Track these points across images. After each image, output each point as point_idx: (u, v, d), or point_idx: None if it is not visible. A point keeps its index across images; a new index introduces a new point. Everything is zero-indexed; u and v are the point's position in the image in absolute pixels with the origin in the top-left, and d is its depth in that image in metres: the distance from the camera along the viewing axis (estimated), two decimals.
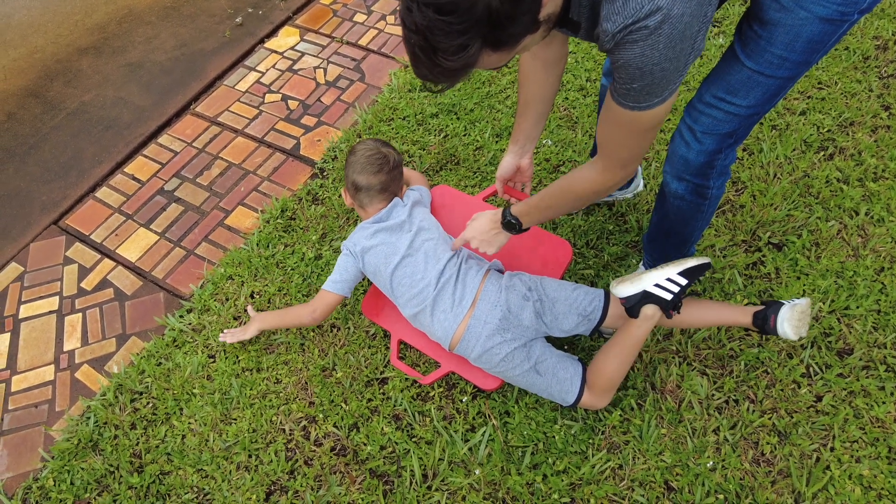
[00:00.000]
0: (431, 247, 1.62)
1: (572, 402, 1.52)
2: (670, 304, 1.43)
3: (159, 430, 1.73)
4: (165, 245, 2.17)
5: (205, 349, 1.87)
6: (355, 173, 1.69)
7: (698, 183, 1.39)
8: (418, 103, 2.43)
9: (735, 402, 1.62)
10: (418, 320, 1.60)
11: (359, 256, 1.65)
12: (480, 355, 1.51)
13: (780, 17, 1.09)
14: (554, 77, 1.46)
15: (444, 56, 0.87)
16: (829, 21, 1.07)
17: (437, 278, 1.55)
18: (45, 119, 2.66)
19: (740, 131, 1.28)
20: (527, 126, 1.55)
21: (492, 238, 1.52)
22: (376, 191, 1.69)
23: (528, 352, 1.50)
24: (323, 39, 2.84)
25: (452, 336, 1.53)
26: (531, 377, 1.50)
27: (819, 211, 1.92)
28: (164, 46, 2.92)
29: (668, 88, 1.01)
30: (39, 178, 2.44)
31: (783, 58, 1.13)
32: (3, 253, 2.22)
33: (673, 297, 1.42)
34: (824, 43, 1.12)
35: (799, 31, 1.09)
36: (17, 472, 1.72)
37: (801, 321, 1.42)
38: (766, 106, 1.23)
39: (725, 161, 1.36)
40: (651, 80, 0.98)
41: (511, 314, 1.51)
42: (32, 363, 1.94)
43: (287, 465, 1.62)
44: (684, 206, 1.48)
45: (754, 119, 1.26)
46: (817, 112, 2.18)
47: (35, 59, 2.92)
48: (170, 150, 2.48)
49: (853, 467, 1.48)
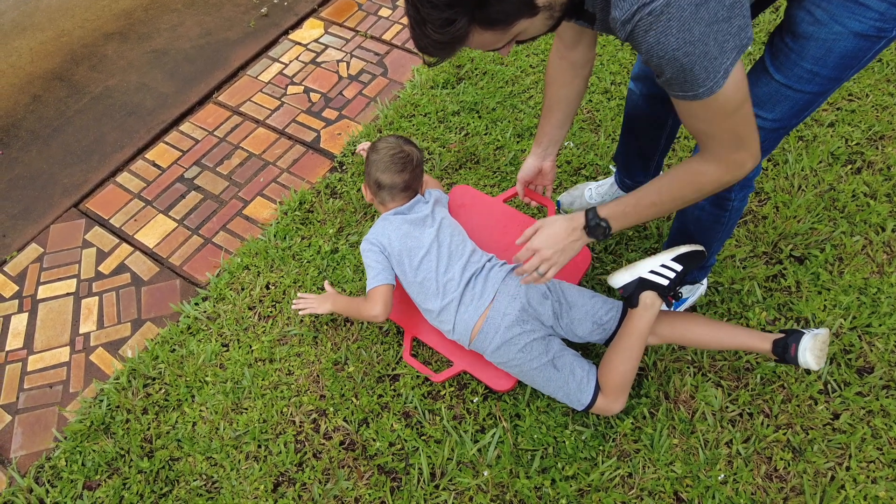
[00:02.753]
0: (457, 242, 1.63)
1: (587, 404, 1.49)
2: (667, 290, 1.43)
3: (171, 417, 1.74)
4: (183, 232, 2.19)
5: (219, 337, 1.88)
6: (379, 172, 1.68)
7: (720, 194, 1.36)
8: (440, 100, 2.42)
9: (749, 415, 1.60)
10: (440, 315, 1.58)
11: (383, 247, 1.64)
12: (499, 346, 1.50)
13: (813, 31, 1.06)
14: (580, 80, 1.44)
15: (432, 28, 0.89)
16: (864, 37, 1.04)
17: (461, 273, 1.56)
18: (70, 102, 2.68)
19: (766, 144, 1.25)
20: (551, 128, 1.54)
21: (568, 246, 1.32)
22: (399, 189, 1.68)
23: (546, 345, 1.50)
24: (347, 33, 2.84)
25: (472, 328, 1.53)
26: (548, 371, 1.49)
27: (844, 225, 1.89)
28: (189, 34, 2.93)
29: (713, 72, 0.93)
30: (62, 161, 2.46)
31: (813, 73, 1.10)
32: (23, 233, 2.25)
33: (669, 282, 1.43)
34: (858, 59, 1.08)
35: (832, 46, 1.06)
36: (30, 451, 1.74)
37: (822, 351, 1.40)
38: (793, 121, 1.20)
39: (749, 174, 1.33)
40: (681, 68, 0.92)
41: (530, 307, 1.52)
42: (49, 344, 1.96)
43: (296, 457, 1.63)
44: (704, 217, 1.46)
45: (780, 133, 1.23)
46: (846, 124, 2.14)
47: (62, 43, 2.94)
48: (191, 138, 2.49)
49: (869, 488, 1.46)
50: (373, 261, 1.62)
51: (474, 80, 2.50)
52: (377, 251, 1.63)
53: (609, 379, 1.49)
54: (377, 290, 1.59)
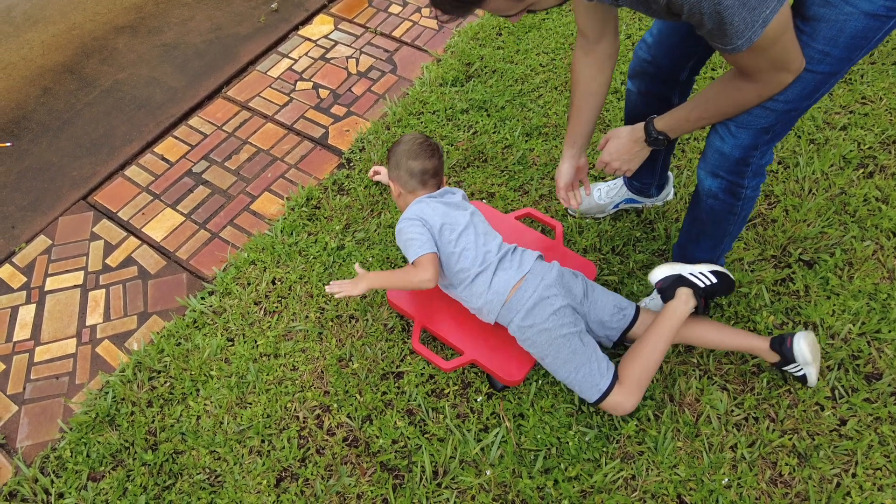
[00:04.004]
0: (489, 227, 1.68)
1: (604, 390, 1.47)
2: (702, 291, 1.53)
3: (175, 410, 1.74)
4: (191, 226, 2.19)
5: (224, 332, 1.88)
6: (410, 159, 1.67)
7: (732, 180, 1.38)
8: (449, 98, 2.42)
9: (755, 419, 1.59)
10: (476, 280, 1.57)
11: (425, 221, 1.61)
12: (534, 306, 1.51)
13: (824, 13, 1.08)
14: (605, 75, 1.46)
15: None
16: (874, 16, 1.06)
17: (498, 248, 1.61)
18: (80, 95, 2.69)
19: (777, 127, 1.26)
20: (581, 127, 1.55)
21: (634, 155, 1.47)
22: (430, 174, 1.69)
23: (577, 317, 1.55)
24: (357, 29, 2.83)
25: (510, 289, 1.55)
26: (574, 342, 1.50)
27: (855, 230, 1.87)
28: (199, 29, 2.94)
29: (751, 22, 0.97)
30: (71, 154, 2.48)
31: (825, 52, 1.11)
32: (32, 225, 2.26)
33: (705, 287, 1.53)
34: (868, 39, 1.10)
35: (843, 27, 1.08)
36: (36, 441, 1.75)
37: (816, 348, 1.51)
38: (805, 102, 1.21)
39: (762, 160, 1.34)
40: (720, 20, 0.97)
41: (564, 278, 1.58)
42: (55, 335, 1.97)
43: (299, 453, 1.63)
44: (717, 206, 1.46)
45: (792, 115, 1.24)
46: (859, 128, 2.12)
47: (73, 36, 2.96)
48: (200, 133, 2.50)
49: (875, 495, 1.44)
50: (416, 232, 1.58)
51: (483, 79, 2.49)
52: (419, 224, 1.60)
53: (630, 371, 1.50)
54: (426, 258, 1.55)
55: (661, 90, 1.56)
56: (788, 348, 1.49)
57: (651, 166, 1.78)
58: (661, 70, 1.52)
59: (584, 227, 1.99)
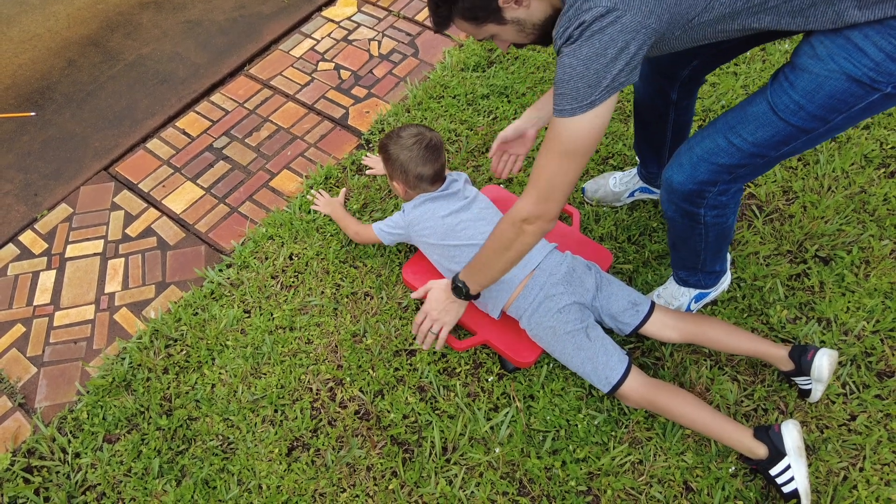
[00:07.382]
0: (490, 214, 1.70)
1: (614, 384, 1.46)
2: None
3: (190, 377, 1.77)
4: (210, 200, 2.22)
5: (241, 304, 1.91)
6: (418, 166, 1.68)
7: (686, 209, 1.36)
8: (470, 83, 2.42)
9: (764, 410, 1.59)
10: None
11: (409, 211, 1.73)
12: (540, 304, 1.53)
13: (809, 64, 1.08)
14: None
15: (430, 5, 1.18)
16: (855, 81, 1.05)
17: None
18: (104, 68, 2.72)
19: (741, 171, 1.25)
20: None
21: (449, 307, 1.54)
22: (438, 175, 1.73)
23: (583, 314, 1.54)
24: (380, 12, 2.84)
25: (518, 285, 1.56)
26: (579, 338, 1.50)
27: (873, 228, 1.87)
28: (223, 6, 2.96)
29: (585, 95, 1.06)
30: (94, 125, 2.50)
31: (799, 105, 1.11)
32: (54, 193, 2.29)
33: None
34: (848, 104, 1.08)
35: (822, 83, 1.07)
36: (54, 402, 1.78)
37: (832, 369, 1.47)
38: (773, 152, 1.20)
39: (722, 197, 1.32)
40: (562, 77, 1.10)
41: (575, 273, 1.58)
42: (75, 301, 2.00)
43: (311, 423, 1.65)
44: (678, 227, 1.45)
45: (757, 161, 1.22)
46: (882, 128, 2.11)
47: (98, 10, 2.98)
48: (221, 109, 2.52)
49: (882, 490, 1.45)
50: (392, 228, 1.77)
51: (505, 65, 2.49)
52: (401, 233, 1.75)
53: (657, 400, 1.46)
54: (373, 234, 1.81)
55: (660, 82, 1.55)
56: (808, 361, 1.45)
57: (657, 157, 1.78)
58: (661, 60, 1.50)
59: (601, 216, 1.99)
